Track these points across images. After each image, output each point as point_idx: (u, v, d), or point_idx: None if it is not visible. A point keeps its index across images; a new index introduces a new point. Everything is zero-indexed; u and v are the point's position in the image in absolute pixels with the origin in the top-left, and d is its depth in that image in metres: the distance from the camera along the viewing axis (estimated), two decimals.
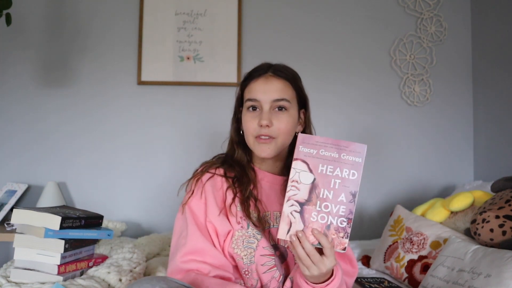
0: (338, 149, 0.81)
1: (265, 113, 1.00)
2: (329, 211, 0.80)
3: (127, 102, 2.23)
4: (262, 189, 1.06)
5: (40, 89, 2.19)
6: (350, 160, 0.81)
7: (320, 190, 0.81)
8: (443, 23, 2.33)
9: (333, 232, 0.80)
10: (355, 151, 0.81)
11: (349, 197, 0.80)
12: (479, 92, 2.29)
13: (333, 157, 0.81)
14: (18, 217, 1.10)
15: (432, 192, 2.29)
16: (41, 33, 2.21)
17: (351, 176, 0.81)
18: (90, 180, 2.20)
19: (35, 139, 2.18)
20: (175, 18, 2.24)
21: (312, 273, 0.81)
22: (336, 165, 0.81)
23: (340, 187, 0.80)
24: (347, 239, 0.80)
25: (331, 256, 0.80)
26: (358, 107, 2.29)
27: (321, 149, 0.82)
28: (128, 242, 1.52)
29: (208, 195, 1.01)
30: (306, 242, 0.80)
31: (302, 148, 0.82)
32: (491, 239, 1.29)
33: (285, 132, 1.01)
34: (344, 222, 0.80)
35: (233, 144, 1.10)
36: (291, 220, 0.81)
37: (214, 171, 1.05)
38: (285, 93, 1.03)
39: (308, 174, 0.81)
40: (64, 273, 1.11)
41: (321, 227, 0.80)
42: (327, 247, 0.80)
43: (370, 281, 1.50)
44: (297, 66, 2.26)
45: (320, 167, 0.81)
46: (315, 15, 2.31)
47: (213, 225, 0.98)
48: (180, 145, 2.23)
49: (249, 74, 1.08)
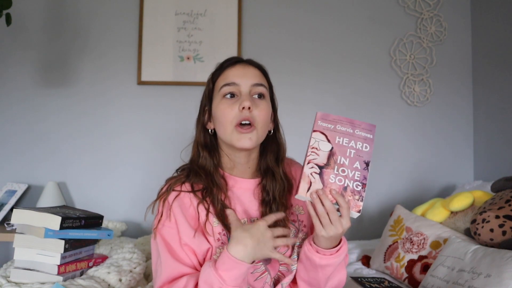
0: (353, 126, 0.90)
1: (245, 95, 0.95)
2: (346, 175, 0.86)
3: (127, 102, 2.23)
4: (234, 197, 0.98)
5: (40, 89, 2.20)
6: (362, 135, 0.89)
7: (337, 157, 0.87)
8: (443, 23, 2.33)
9: (349, 194, 0.85)
10: (367, 129, 0.90)
11: (363, 165, 0.87)
12: (479, 92, 2.29)
13: (348, 132, 0.89)
14: (18, 217, 1.10)
15: (432, 192, 2.29)
16: (41, 33, 2.21)
17: (364, 148, 0.88)
18: (90, 180, 2.20)
19: (35, 139, 2.18)
20: (175, 18, 2.24)
21: (328, 232, 0.83)
22: (350, 138, 0.89)
23: (355, 156, 0.87)
24: (362, 202, 0.84)
25: (347, 217, 0.83)
26: (358, 107, 2.29)
27: (337, 125, 0.89)
28: (128, 242, 1.52)
29: (177, 216, 0.92)
30: (326, 200, 0.82)
31: (321, 122, 0.89)
32: (491, 239, 1.29)
33: (263, 122, 0.96)
34: (359, 186, 0.85)
35: (198, 147, 1.02)
36: (311, 180, 0.85)
37: (180, 188, 0.96)
38: (262, 80, 0.99)
39: (326, 143, 0.88)
40: (64, 273, 1.11)
41: (338, 188, 0.85)
42: (344, 207, 0.82)
43: (370, 281, 1.50)
44: (297, 66, 2.29)
45: (337, 138, 0.88)
46: (315, 15, 2.31)
47: (189, 247, 0.91)
48: (180, 145, 2.23)
49: (221, 64, 1.02)
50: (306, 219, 1.03)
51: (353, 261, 1.82)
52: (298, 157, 1.15)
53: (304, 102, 2.27)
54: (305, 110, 2.27)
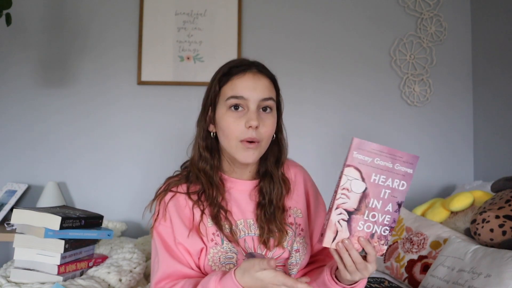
0: (393, 159, 0.79)
1: (253, 113, 0.91)
2: (376, 220, 0.80)
3: (127, 102, 2.23)
4: (231, 199, 0.98)
5: (40, 89, 2.19)
6: (402, 170, 0.80)
7: (370, 200, 0.79)
8: (443, 23, 2.33)
9: (376, 240, 0.80)
10: (408, 162, 0.80)
11: (395, 206, 0.80)
12: (479, 92, 2.29)
13: (387, 167, 0.79)
14: (18, 217, 1.10)
15: (432, 192, 2.29)
16: (41, 33, 2.21)
17: (400, 186, 0.80)
18: (90, 180, 2.20)
19: (35, 139, 2.18)
20: (175, 18, 2.24)
21: (354, 278, 0.81)
22: (388, 175, 0.79)
23: (389, 197, 0.79)
24: (386, 246, 0.81)
25: (373, 262, 0.80)
26: (358, 107, 2.29)
27: (376, 158, 0.78)
28: (128, 242, 1.52)
29: (172, 216, 0.94)
30: (353, 251, 0.79)
31: (357, 154, 0.78)
32: (491, 239, 1.29)
33: (269, 136, 0.95)
34: (387, 231, 0.80)
35: (199, 149, 0.99)
36: (338, 229, 0.79)
37: (176, 189, 0.98)
38: (271, 92, 0.95)
39: (360, 182, 0.78)
40: (64, 273, 1.11)
41: (366, 235, 0.79)
42: (372, 254, 0.80)
43: (370, 281, 1.50)
44: (297, 66, 2.29)
45: (373, 176, 0.78)
46: (315, 15, 2.31)
47: (183, 246, 0.92)
48: (181, 145, 2.22)
49: (229, 69, 0.95)
50: (304, 223, 1.03)
51: None
52: (297, 157, 1.15)
53: (304, 102, 2.27)
54: (305, 110, 2.27)
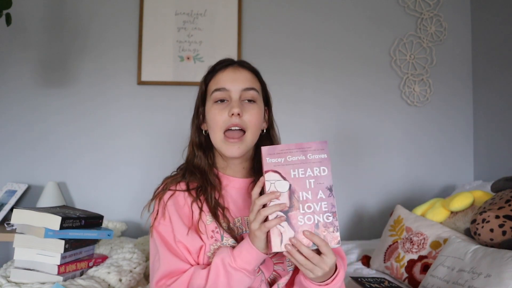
0: (303, 151, 0.83)
1: (235, 102, 0.96)
2: (313, 210, 0.81)
3: (127, 102, 2.23)
4: (228, 196, 1.00)
5: (40, 89, 2.20)
6: (317, 158, 0.83)
7: (298, 194, 0.81)
8: (443, 23, 2.33)
9: (323, 229, 0.81)
10: (319, 149, 0.83)
11: (327, 192, 0.82)
12: (479, 92, 2.29)
13: (301, 160, 0.83)
14: (18, 217, 1.10)
15: (432, 192, 2.29)
16: (41, 33, 2.21)
17: (322, 172, 0.82)
18: (90, 180, 2.20)
19: (35, 139, 2.18)
20: (175, 18, 2.24)
21: (316, 274, 0.81)
22: (306, 166, 0.82)
23: (316, 185, 0.82)
24: (338, 232, 0.81)
25: (329, 253, 0.80)
26: (358, 107, 2.29)
27: (287, 156, 0.83)
28: (128, 242, 1.52)
29: (172, 215, 0.96)
30: (302, 247, 0.79)
31: (270, 159, 0.83)
32: (491, 239, 1.29)
33: (255, 126, 0.97)
34: (330, 217, 0.81)
35: (193, 147, 1.04)
36: (281, 230, 0.81)
37: (175, 187, 1.00)
38: (254, 83, 1.00)
39: (283, 182, 0.82)
40: (64, 273, 1.11)
41: (310, 227, 0.81)
42: (322, 245, 0.80)
43: (370, 281, 1.50)
44: (297, 65, 2.29)
45: (292, 172, 0.82)
46: (315, 15, 2.31)
47: (183, 244, 0.93)
48: (181, 145, 2.23)
49: (213, 67, 1.03)
50: None
51: (353, 261, 1.82)
52: None
53: (304, 102, 2.27)
54: (305, 110, 2.27)
